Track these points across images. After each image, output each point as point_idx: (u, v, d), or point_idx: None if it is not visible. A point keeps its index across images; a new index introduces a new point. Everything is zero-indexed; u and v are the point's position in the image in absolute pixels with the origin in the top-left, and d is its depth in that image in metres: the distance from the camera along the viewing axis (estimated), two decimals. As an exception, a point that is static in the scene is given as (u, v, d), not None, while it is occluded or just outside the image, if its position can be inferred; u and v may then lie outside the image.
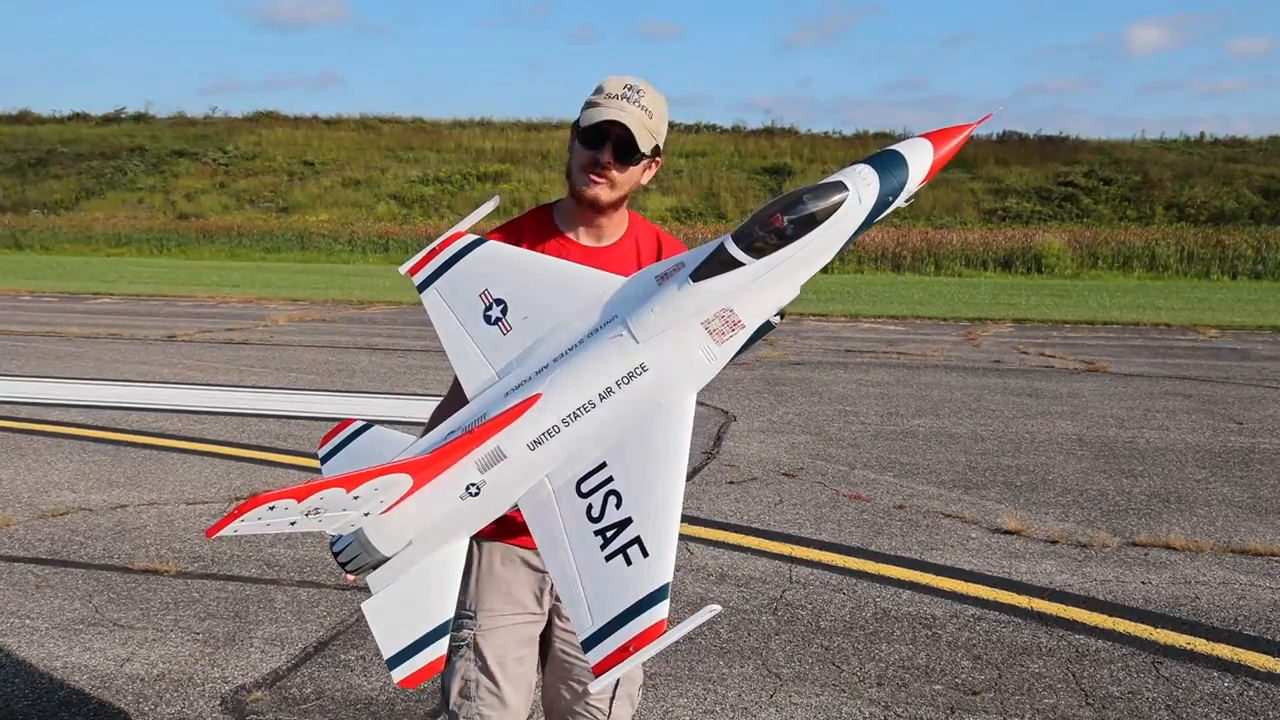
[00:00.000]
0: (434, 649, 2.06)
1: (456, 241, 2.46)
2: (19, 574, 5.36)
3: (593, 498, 2.07)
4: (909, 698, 4.11)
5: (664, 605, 1.95)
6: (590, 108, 2.48)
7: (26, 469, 7.46)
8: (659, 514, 2.02)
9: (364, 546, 2.11)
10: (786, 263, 2.12)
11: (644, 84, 2.50)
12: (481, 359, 2.32)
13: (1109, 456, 8.26)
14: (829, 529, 6.29)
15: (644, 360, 2.11)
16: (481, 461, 2.08)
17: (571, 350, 2.18)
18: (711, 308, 2.11)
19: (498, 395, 2.20)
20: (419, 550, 2.12)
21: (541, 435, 2.08)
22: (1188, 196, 40.57)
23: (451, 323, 2.39)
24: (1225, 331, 17.53)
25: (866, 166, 2.20)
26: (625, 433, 2.10)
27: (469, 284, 2.40)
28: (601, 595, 1.99)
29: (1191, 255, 32.46)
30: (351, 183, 47.14)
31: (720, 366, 2.16)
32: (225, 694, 4.08)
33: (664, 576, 1.97)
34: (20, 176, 49.07)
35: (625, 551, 2.01)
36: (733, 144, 49.00)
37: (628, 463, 2.08)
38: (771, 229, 2.10)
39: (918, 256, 33.64)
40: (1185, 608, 5.09)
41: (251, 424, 9.08)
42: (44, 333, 15.32)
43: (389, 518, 2.08)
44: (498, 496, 2.10)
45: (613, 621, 1.96)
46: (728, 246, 2.12)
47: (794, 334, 16.54)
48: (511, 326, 2.31)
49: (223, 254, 38.42)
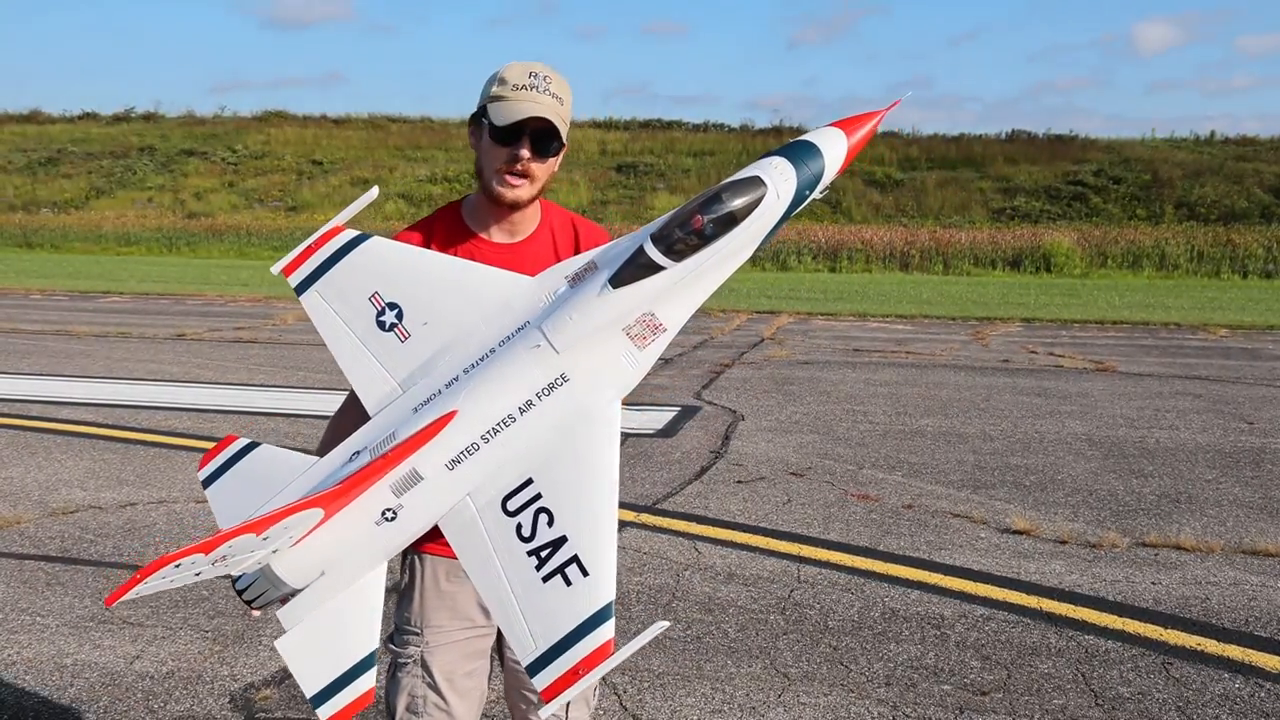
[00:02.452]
0: (360, 683, 1.97)
1: (335, 237, 2.26)
2: (29, 571, 5.38)
3: (521, 516, 1.97)
4: (917, 698, 4.11)
5: (610, 624, 1.89)
6: (498, 101, 2.34)
7: (37, 467, 7.49)
8: (594, 530, 1.94)
9: (271, 581, 1.98)
10: (707, 263, 2.04)
11: (548, 69, 2.38)
12: (379, 369, 2.16)
13: (1118, 456, 8.24)
14: (837, 528, 6.28)
15: (565, 370, 2.01)
16: (396, 485, 1.97)
17: (484, 360, 2.07)
18: (633, 314, 2.03)
19: (405, 411, 2.07)
20: (333, 581, 1.99)
21: (460, 454, 1.97)
22: (1198, 195, 40.39)
23: (339, 328, 2.21)
24: (1236, 331, 17.46)
25: (782, 159, 2.11)
26: (550, 446, 2.00)
27: (355, 286, 2.22)
28: (543, 619, 1.91)
29: (1202, 254, 32.31)
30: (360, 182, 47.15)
31: (644, 372, 2.07)
32: (234, 692, 4.09)
33: (607, 595, 1.90)
34: (31, 175, 49.23)
35: (564, 572, 1.92)
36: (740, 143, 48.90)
37: (555, 478, 1.98)
38: (691, 230, 2.02)
39: (926, 256, 33.55)
40: (1196, 608, 5.07)
41: (260, 423, 9.09)
42: (54, 331, 15.37)
43: (297, 550, 1.96)
44: (415, 520, 1.99)
45: (557, 645, 1.88)
46: (647, 250, 2.03)
47: (802, 333, 16.53)
48: (409, 333, 2.16)
49: (231, 253, 38.46)
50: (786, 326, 17.62)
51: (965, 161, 45.66)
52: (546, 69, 2.37)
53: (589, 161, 45.92)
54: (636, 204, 41.34)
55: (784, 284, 27.11)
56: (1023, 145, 47.41)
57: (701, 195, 2.08)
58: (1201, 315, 19.64)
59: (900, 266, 33.46)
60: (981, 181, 43.96)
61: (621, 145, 48.39)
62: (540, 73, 2.35)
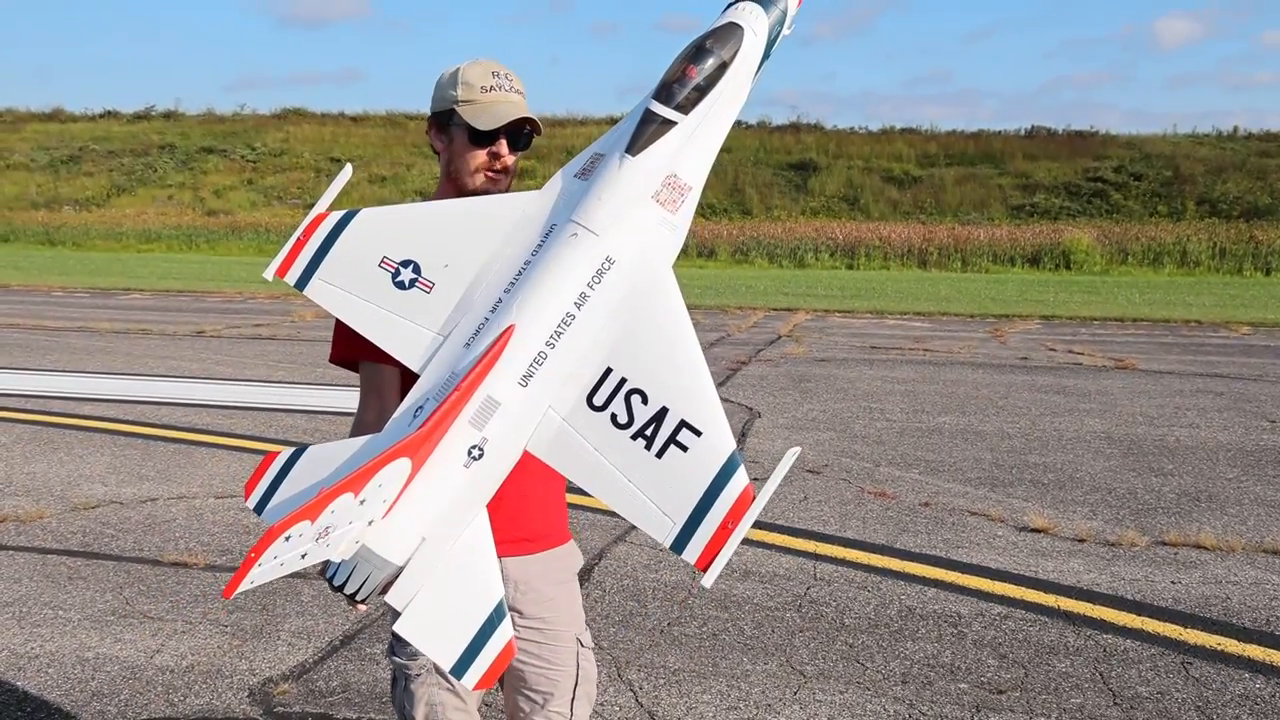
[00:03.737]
0: (497, 638, 1.84)
1: (322, 224, 2.18)
2: (52, 566, 5.43)
3: (613, 406, 1.91)
4: (934, 696, 4.10)
5: (741, 471, 1.84)
6: (470, 104, 2.38)
7: (59, 463, 7.55)
8: (692, 390, 1.90)
9: (372, 564, 1.85)
10: (711, 111, 2.06)
11: (503, 66, 2.43)
12: (413, 328, 2.06)
13: (1138, 454, 8.19)
14: (854, 526, 6.27)
15: (608, 252, 1.97)
16: (475, 418, 1.87)
17: (523, 273, 2.01)
18: (658, 177, 2.02)
19: (457, 350, 1.99)
20: (436, 545, 1.87)
21: (529, 368, 1.91)
22: (1220, 191, 40.07)
23: (358, 306, 2.11)
24: (1258, 329, 17.33)
25: (749, 3, 2.14)
26: (617, 331, 1.94)
27: (360, 259, 2.14)
28: (671, 493, 1.85)
29: (1224, 251, 32.06)
30: (378, 179, 47.33)
31: (683, 236, 2.05)
32: (253, 686, 4.11)
33: (728, 445, 1.86)
34: (53, 174, 49.61)
35: (675, 440, 1.87)
36: (758, 140, 48.80)
37: (635, 358, 1.93)
38: (690, 83, 2.04)
39: (944, 253, 33.43)
40: (1216, 608, 5.04)
41: (279, 419, 9.15)
42: (76, 328, 15.49)
43: (393, 518, 1.83)
44: (504, 451, 1.91)
45: (696, 510, 1.83)
46: (655, 109, 2.03)
47: (819, 330, 16.49)
48: (433, 282, 2.08)
49: (251, 250, 38.64)
50: (804, 324, 17.59)
51: (984, 158, 45.43)
52: (503, 66, 2.43)
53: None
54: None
55: (801, 281, 27.05)
56: (1042, 141, 47.14)
57: (685, 50, 2.09)
58: (1223, 312, 19.50)
59: (918, 263, 33.35)
60: (1000, 178, 43.75)
61: (639, 141, 48.28)
62: (500, 71, 2.42)
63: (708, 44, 2.07)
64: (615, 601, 5.00)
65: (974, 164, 44.94)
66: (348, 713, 3.91)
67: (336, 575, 1.88)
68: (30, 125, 55.12)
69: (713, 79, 2.06)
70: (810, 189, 44.20)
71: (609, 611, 4.88)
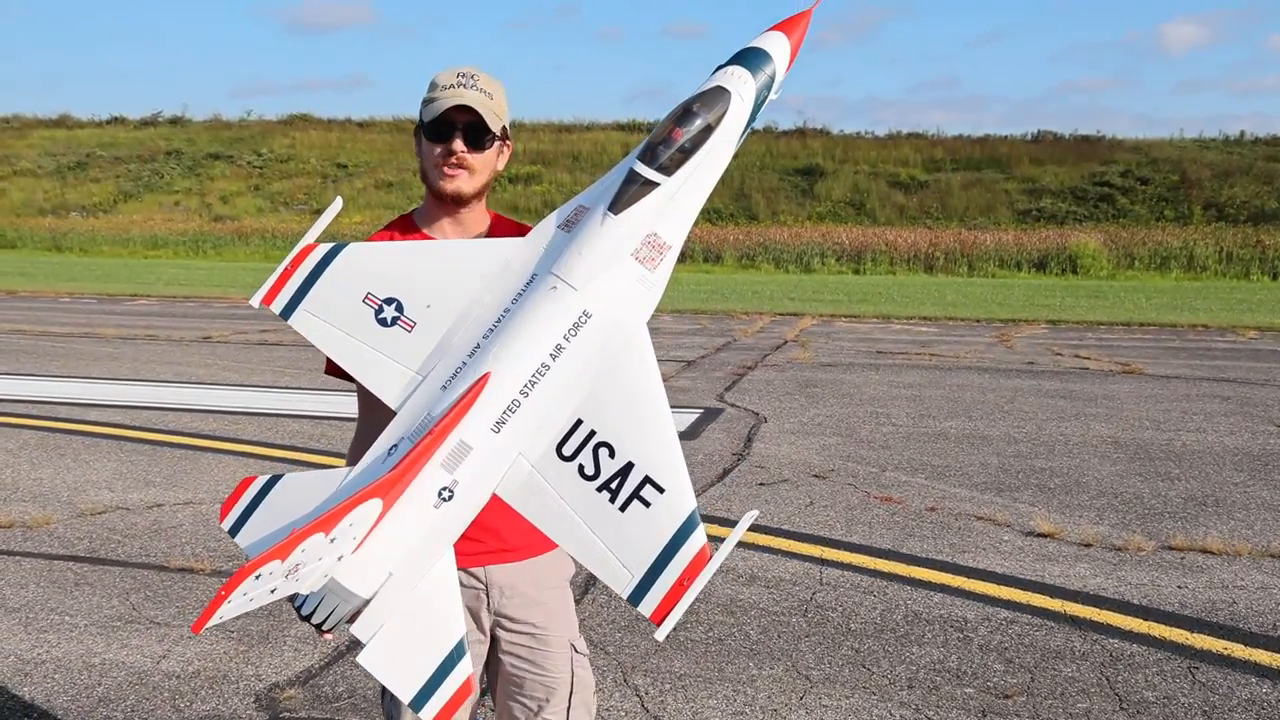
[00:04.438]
0: (457, 673, 1.90)
1: (310, 255, 2.22)
2: (58, 572, 5.44)
3: (581, 457, 1.97)
4: (940, 701, 4.09)
5: (700, 530, 1.89)
6: (429, 104, 2.44)
7: (66, 468, 7.57)
8: (658, 447, 1.95)
9: (339, 596, 1.90)
10: (694, 174, 2.11)
11: (477, 70, 2.47)
12: (393, 365, 2.12)
13: (1145, 459, 8.18)
14: (860, 531, 6.27)
15: (585, 306, 2.02)
16: (447, 461, 1.92)
17: (501, 320, 2.06)
18: (638, 235, 2.07)
19: (434, 392, 2.04)
20: (403, 580, 1.92)
21: (503, 414, 1.96)
22: (1227, 196, 40.00)
23: (339, 339, 2.17)
24: (1265, 333, 17.28)
25: (736, 66, 2.20)
26: (589, 384, 2.00)
27: (345, 292, 2.18)
28: (630, 546, 1.91)
29: (1231, 255, 31.98)
30: (384, 185, 47.44)
31: (659, 294, 2.09)
32: (259, 691, 4.12)
33: (689, 504, 1.91)
34: (60, 179, 49.80)
35: (639, 495, 1.92)
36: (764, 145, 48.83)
37: (604, 411, 1.98)
38: (674, 146, 2.09)
39: (951, 257, 33.39)
40: (1222, 612, 5.03)
41: (285, 424, 9.16)
42: (82, 334, 15.54)
43: (361, 553, 1.87)
44: (473, 493, 1.95)
45: (654, 565, 1.89)
46: (639, 169, 2.08)
47: (825, 335, 16.49)
48: (415, 322, 2.13)
49: (257, 256, 38.74)
50: (810, 329, 17.58)
51: (990, 162, 45.42)
52: (475, 69, 2.47)
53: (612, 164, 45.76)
54: (660, 206, 41.30)
55: (807, 286, 27.04)
56: (1048, 146, 47.12)
57: (672, 112, 2.14)
58: (1230, 317, 19.46)
59: (925, 268, 33.32)
60: (1007, 182, 43.72)
61: (646, 147, 48.33)
62: (468, 72, 2.46)
63: (695, 107, 2.12)
64: (621, 607, 4.99)
65: (980, 169, 44.92)
66: (353, 718, 3.91)
67: (305, 605, 1.95)
68: (37, 131, 55.35)
69: (697, 142, 2.11)
70: (816, 194, 44.20)
71: (614, 617, 4.88)
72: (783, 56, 2.26)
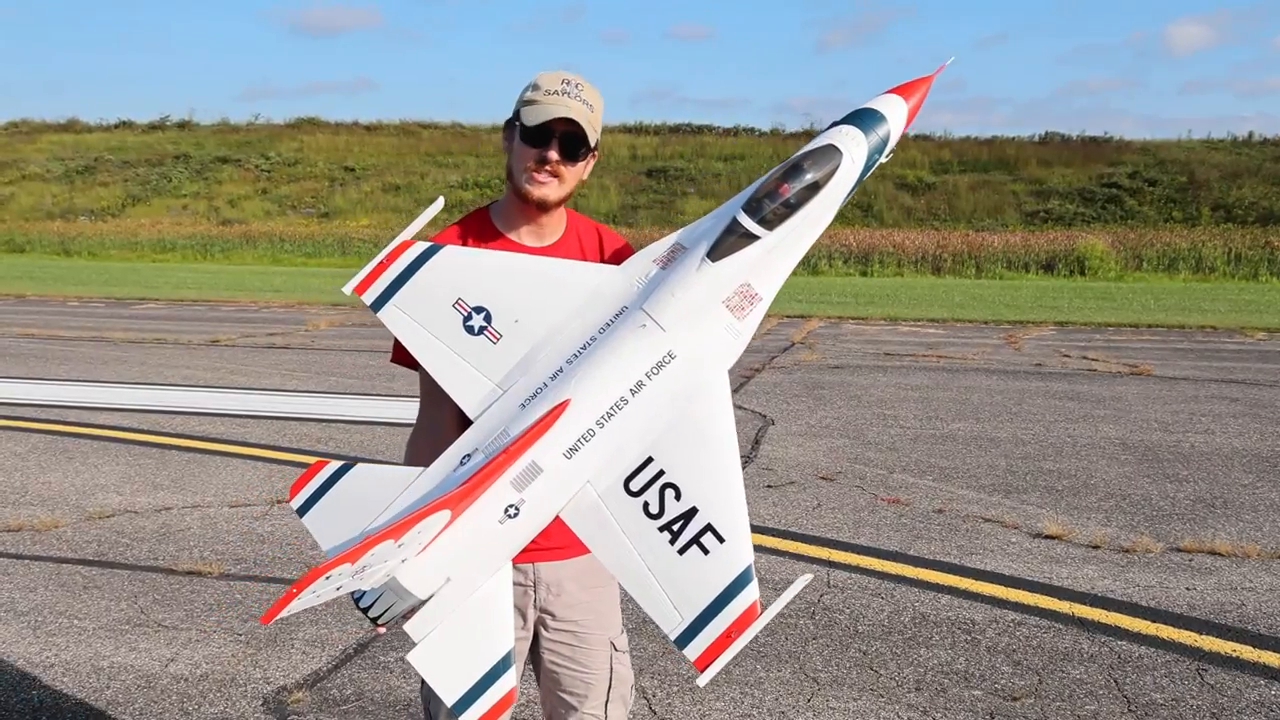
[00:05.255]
0: (501, 684, 1.96)
1: (407, 251, 2.26)
2: (67, 575, 5.46)
3: (647, 495, 2.01)
4: (948, 703, 4.08)
5: (753, 586, 1.93)
6: (530, 105, 2.40)
7: (74, 472, 7.59)
8: (724, 497, 1.99)
9: (397, 594, 1.97)
10: (795, 231, 2.13)
11: (581, 78, 2.45)
12: (474, 373, 2.17)
13: (1153, 461, 8.15)
14: (867, 533, 6.26)
15: (671, 347, 2.06)
16: (517, 480, 1.98)
17: (587, 348, 2.10)
18: (732, 285, 2.10)
19: (512, 409, 2.08)
20: (459, 586, 1.99)
21: (577, 442, 2.01)
22: (1235, 197, 39.89)
23: (425, 339, 2.21)
24: (1274, 334, 17.23)
25: (851, 127, 2.21)
26: (665, 424, 2.04)
27: (436, 295, 2.22)
28: (685, 590, 1.94)
29: (1239, 257, 31.90)
30: (392, 188, 47.52)
31: (745, 343, 2.13)
32: (267, 694, 4.13)
33: (746, 559, 1.95)
34: (68, 184, 49.95)
35: (699, 541, 1.97)
36: (771, 147, 48.82)
37: (675, 453, 2.02)
38: (779, 199, 2.11)
39: (958, 259, 33.34)
40: (1231, 614, 5.02)
41: (293, 428, 9.18)
42: (91, 338, 15.59)
43: (423, 558, 1.95)
44: (538, 514, 2.01)
45: (704, 613, 1.92)
46: (742, 221, 2.11)
47: (833, 337, 16.47)
48: (501, 334, 2.17)
49: (265, 259, 38.84)
50: (817, 330, 17.56)
51: (998, 164, 45.35)
52: (579, 77, 2.45)
53: (619, 166, 45.99)
54: (667, 208, 41.38)
55: (815, 288, 27.00)
56: (1056, 147, 47.04)
57: (782, 166, 2.17)
58: (1239, 318, 19.40)
59: (932, 270, 33.26)
60: (1014, 184, 43.65)
61: (651, 150, 48.41)
62: (573, 80, 2.43)
63: (805, 164, 2.15)
64: (628, 609, 4.98)
65: (988, 170, 44.85)
66: (361, 720, 3.92)
67: (364, 598, 2.02)
68: (45, 136, 55.54)
69: (803, 199, 2.13)
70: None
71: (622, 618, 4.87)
72: (898, 120, 2.27)
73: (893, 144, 2.26)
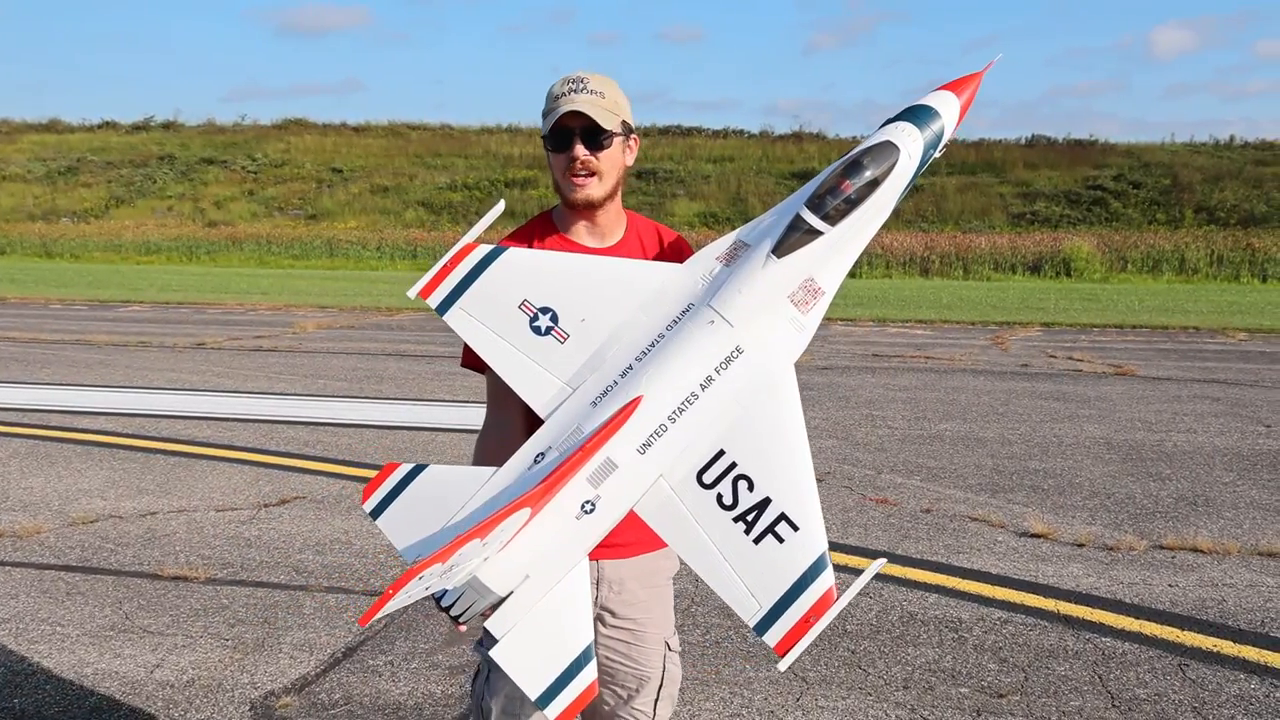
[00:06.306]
0: (583, 676, 2.00)
1: (470, 255, 2.29)
2: (49, 581, 5.43)
3: (720, 486, 2.05)
4: (935, 701, 4.10)
5: (829, 572, 1.98)
6: (546, 116, 2.49)
7: (57, 477, 7.56)
8: (796, 487, 2.03)
9: (479, 591, 2.01)
10: (854, 225, 2.18)
11: (587, 73, 2.51)
12: (543, 373, 2.20)
13: (1136, 460, 8.20)
14: (855, 533, 6.28)
15: (739, 343, 2.11)
16: (593, 476, 2.02)
17: (655, 345, 2.14)
18: (796, 280, 2.15)
19: (584, 406, 2.12)
20: (539, 582, 2.02)
21: (650, 437, 2.04)
22: (1217, 200, 40.12)
23: (493, 341, 2.24)
24: (1255, 335, 17.34)
25: (907, 123, 2.25)
26: (735, 417, 2.08)
27: (502, 297, 2.25)
28: (761, 578, 1.99)
29: (1221, 258, 32.10)
30: (380, 189, 47.40)
31: (810, 336, 2.18)
32: (255, 700, 4.12)
33: (820, 546, 2.00)
34: (50, 185, 49.65)
35: (774, 530, 2.01)
36: (760, 149, 48.90)
37: (747, 445, 2.06)
38: (842, 196, 2.16)
39: (946, 261, 33.43)
40: (1212, 610, 5.05)
41: (280, 431, 9.15)
42: (74, 341, 15.50)
43: (503, 556, 1.98)
44: (613, 508, 2.05)
45: (781, 600, 1.97)
46: (806, 217, 2.15)
47: (821, 339, 16.51)
48: (568, 334, 2.21)
49: (251, 261, 38.69)
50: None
51: (985, 166, 45.49)
52: (584, 72, 2.51)
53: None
54: (656, 210, 41.38)
55: (801, 289, 27.01)
56: (1042, 150, 47.22)
57: (842, 161, 2.21)
58: (1221, 319, 19.52)
59: (920, 272, 33.35)
60: (1001, 186, 43.81)
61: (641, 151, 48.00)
62: (574, 78, 2.49)
63: (864, 160, 2.19)
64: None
65: (975, 172, 44.99)
66: (348, 723, 3.91)
67: (445, 597, 2.05)
68: (26, 136, 55.18)
69: (864, 194, 2.18)
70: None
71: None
72: (951, 115, 2.32)
73: (947, 139, 2.31)
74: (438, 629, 4.79)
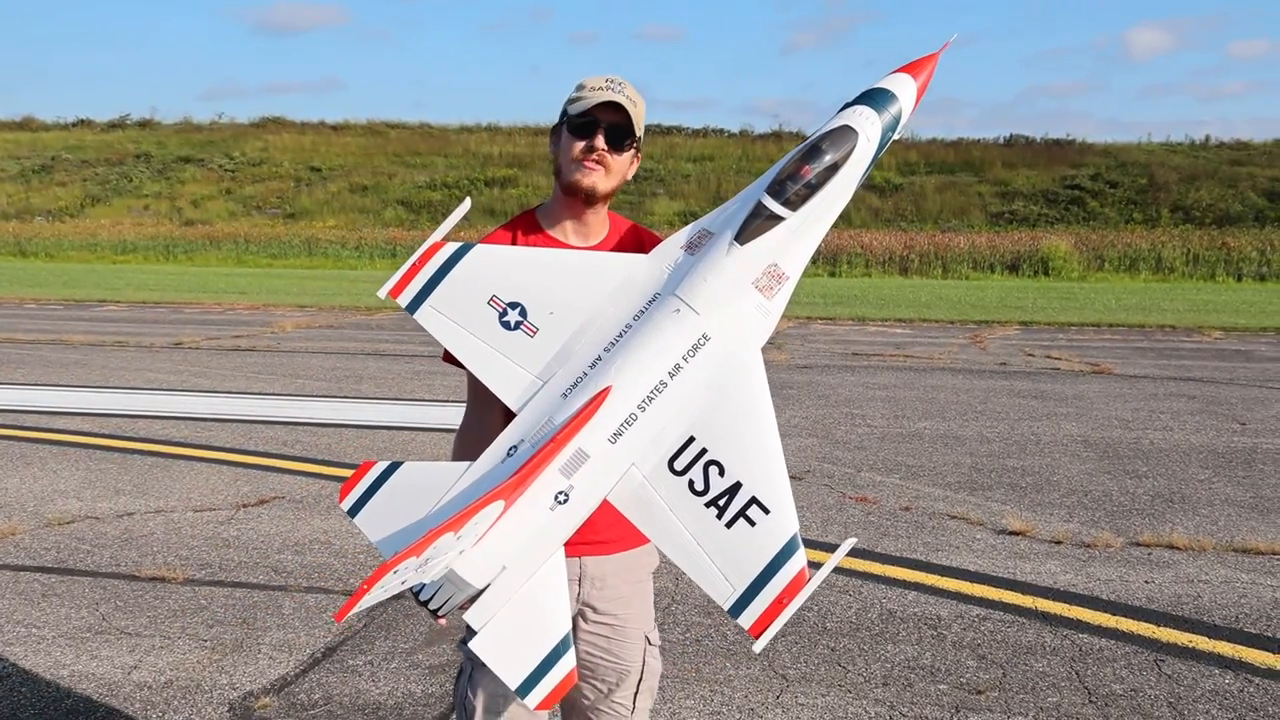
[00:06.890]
0: (561, 665, 2.02)
1: (438, 253, 2.29)
2: (25, 583, 5.39)
3: (691, 473, 2.07)
4: (914, 698, 4.12)
5: (801, 553, 2.00)
6: (576, 101, 2.49)
7: (32, 478, 7.49)
8: (766, 470, 2.06)
9: (455, 585, 2.02)
10: (816, 210, 2.19)
11: (625, 80, 2.53)
12: (514, 367, 2.22)
13: (1113, 457, 8.26)
14: (835, 531, 6.31)
15: (706, 330, 2.12)
16: (565, 467, 2.04)
17: (623, 336, 2.16)
18: (760, 266, 2.16)
19: (554, 399, 2.14)
20: (515, 573, 2.04)
21: (620, 426, 2.06)
22: (1193, 199, 40.49)
23: (464, 337, 2.26)
24: (1229, 333, 17.50)
25: (865, 107, 2.27)
26: (704, 403, 2.10)
27: (470, 293, 2.27)
28: (734, 562, 2.01)
29: (1197, 257, 32.41)
30: (359, 188, 47.23)
31: (775, 321, 2.19)
32: (233, 700, 4.10)
33: (791, 527, 2.02)
34: (24, 183, 49.23)
35: (745, 514, 2.04)
36: (740, 148, 48.98)
37: (716, 431, 2.09)
38: (802, 181, 2.18)
39: (925, 260, 33.60)
40: (1187, 606, 5.10)
41: (259, 431, 9.11)
42: (49, 341, 15.38)
43: (479, 549, 1.99)
44: (587, 498, 2.07)
45: (754, 583, 1.99)
46: (767, 203, 2.17)
47: (801, 337, 16.55)
48: (538, 327, 2.23)
49: (229, 261, 38.47)
50: (785, 331, 17.64)
51: (964, 166, 45.74)
52: (623, 79, 2.53)
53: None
54: (636, 210, 41.38)
55: (781, 288, 27.08)
56: (1020, 149, 47.52)
57: (801, 147, 2.23)
58: (1196, 318, 19.69)
59: (899, 271, 33.50)
60: (980, 186, 44.05)
61: (619, 150, 48.27)
62: (617, 80, 2.52)
63: (823, 145, 2.21)
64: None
65: (954, 172, 45.22)
66: (327, 723, 3.90)
67: (423, 592, 2.06)
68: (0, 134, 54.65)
69: (824, 179, 2.20)
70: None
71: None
72: (909, 98, 2.34)
73: (905, 121, 2.33)
74: (417, 629, 4.78)
